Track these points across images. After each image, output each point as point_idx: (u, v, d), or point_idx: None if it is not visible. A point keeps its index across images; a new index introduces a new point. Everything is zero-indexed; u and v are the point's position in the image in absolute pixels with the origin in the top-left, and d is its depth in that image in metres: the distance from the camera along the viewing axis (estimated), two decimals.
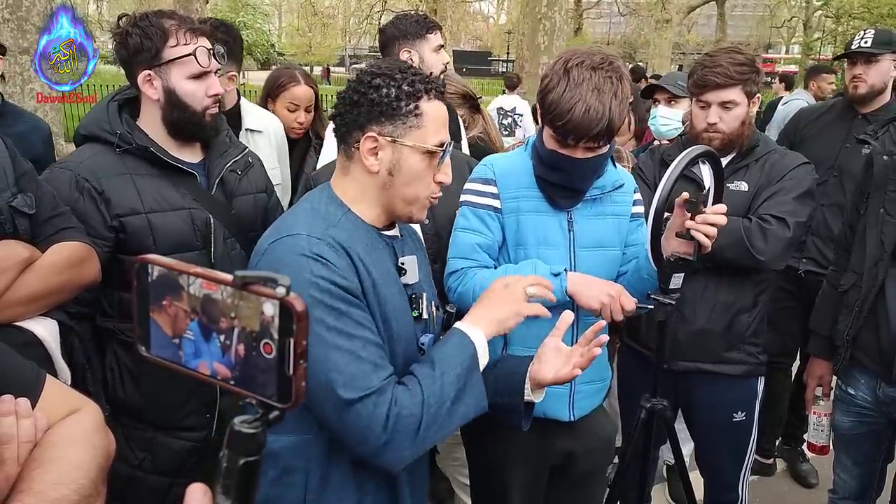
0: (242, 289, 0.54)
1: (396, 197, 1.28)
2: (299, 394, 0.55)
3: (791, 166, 2.05)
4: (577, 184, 1.68)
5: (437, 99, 1.27)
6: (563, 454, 1.85)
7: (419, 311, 1.33)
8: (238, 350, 0.56)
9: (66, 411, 0.99)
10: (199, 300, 0.57)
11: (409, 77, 1.24)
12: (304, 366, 0.55)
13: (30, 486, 0.86)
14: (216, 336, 0.57)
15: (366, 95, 1.23)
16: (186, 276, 0.57)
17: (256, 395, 0.57)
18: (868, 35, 2.90)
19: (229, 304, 0.55)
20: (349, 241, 1.21)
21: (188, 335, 0.58)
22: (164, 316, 0.59)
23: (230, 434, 0.57)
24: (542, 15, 11.53)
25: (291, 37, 39.40)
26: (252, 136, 2.51)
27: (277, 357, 0.54)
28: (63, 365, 1.43)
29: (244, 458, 0.57)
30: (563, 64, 1.56)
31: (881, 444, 2.13)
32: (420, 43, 2.48)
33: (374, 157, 1.25)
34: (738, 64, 1.99)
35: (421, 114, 1.24)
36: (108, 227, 1.61)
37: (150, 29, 1.60)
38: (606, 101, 1.51)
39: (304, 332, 0.53)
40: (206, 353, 0.58)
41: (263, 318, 0.54)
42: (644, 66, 16.33)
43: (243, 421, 0.57)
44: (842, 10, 25.32)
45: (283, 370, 0.54)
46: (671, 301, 1.61)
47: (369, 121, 1.23)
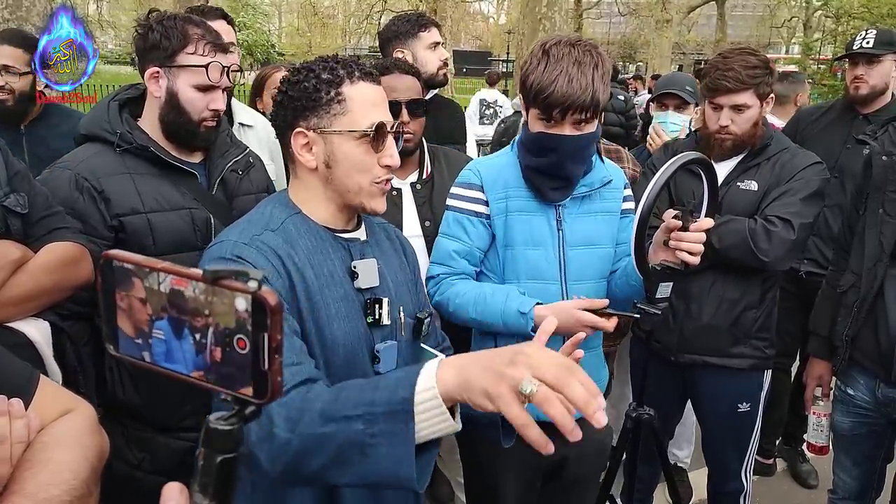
0: (213, 284, 0.53)
1: (341, 189, 1.25)
2: (276, 389, 0.54)
3: (801, 166, 2.06)
4: (567, 168, 1.65)
5: (365, 80, 1.23)
6: (555, 457, 1.83)
7: (375, 316, 1.26)
8: (212, 346, 0.55)
9: (60, 412, 0.99)
10: (167, 296, 0.56)
11: (330, 65, 1.22)
12: (280, 360, 0.54)
13: (22, 486, 0.86)
14: (189, 333, 0.56)
15: (287, 94, 1.22)
16: (155, 273, 0.56)
17: (232, 391, 0.56)
18: (870, 35, 2.89)
19: (202, 300, 0.54)
20: (283, 245, 1.18)
21: (157, 333, 0.57)
22: (131, 313, 0.58)
23: (206, 432, 0.57)
24: (542, 15, 11.51)
25: (291, 37, 39.37)
26: (244, 130, 2.54)
27: (252, 352, 0.54)
28: (55, 366, 1.42)
29: (221, 455, 0.56)
30: (541, 47, 1.57)
31: (881, 444, 2.13)
32: (413, 42, 2.54)
33: (309, 153, 1.23)
34: (751, 67, 2.00)
35: (344, 99, 1.20)
36: (107, 226, 1.61)
37: (172, 31, 1.61)
38: (588, 72, 1.52)
39: (278, 326, 0.53)
40: (178, 351, 0.57)
41: (237, 313, 0.53)
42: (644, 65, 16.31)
43: (219, 418, 0.57)
44: (842, 10, 25.30)
45: (258, 365, 0.54)
46: (657, 311, 1.59)
47: (295, 117, 1.22)
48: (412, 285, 1.43)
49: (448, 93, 10.78)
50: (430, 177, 2.12)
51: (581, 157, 1.66)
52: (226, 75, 1.69)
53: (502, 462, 1.79)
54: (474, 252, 1.74)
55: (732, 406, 2.20)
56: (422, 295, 1.49)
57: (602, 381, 1.90)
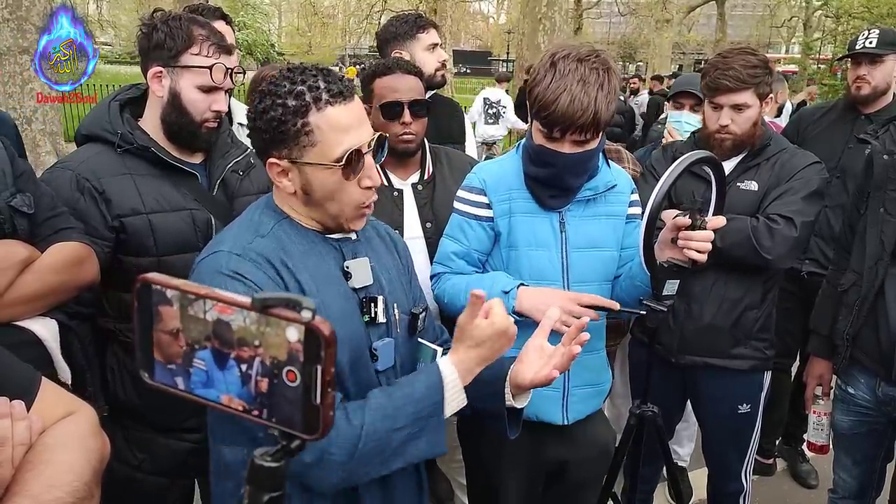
0: (263, 312, 0.50)
1: (321, 211, 1.23)
2: (327, 423, 0.51)
3: (801, 166, 2.07)
4: (566, 181, 1.66)
5: (333, 104, 1.15)
6: (557, 461, 1.83)
7: (371, 315, 1.26)
8: (258, 378, 0.51)
9: (62, 414, 0.99)
10: (211, 325, 0.51)
11: (297, 88, 1.14)
12: (333, 394, 0.50)
13: (24, 488, 0.86)
14: (234, 364, 0.52)
15: (255, 122, 1.18)
16: (201, 301, 0.51)
17: (280, 426, 0.52)
18: (872, 35, 2.88)
19: (251, 330, 0.50)
20: (276, 251, 1.18)
21: (199, 364, 0.53)
22: (169, 340, 0.53)
23: (252, 469, 0.52)
24: (542, 15, 11.53)
25: (291, 36, 39.40)
26: (243, 130, 2.53)
27: (302, 385, 0.50)
28: (63, 364, 1.43)
29: (268, 494, 0.52)
30: (550, 57, 1.55)
31: (881, 443, 2.13)
32: (411, 43, 2.54)
33: (286, 179, 1.20)
34: (751, 67, 2.01)
35: (311, 130, 1.14)
36: (108, 227, 1.61)
37: (177, 31, 1.61)
38: (592, 92, 1.50)
39: (332, 358, 0.49)
40: (221, 382, 0.52)
41: (289, 344, 0.49)
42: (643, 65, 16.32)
43: (264, 454, 0.53)
44: (842, 10, 25.30)
45: (308, 399, 0.50)
46: (663, 308, 1.60)
47: (267, 146, 1.18)
48: (405, 281, 1.43)
49: (448, 92, 10.76)
50: (432, 177, 2.11)
51: (581, 171, 1.67)
52: (229, 77, 1.69)
53: (505, 462, 1.79)
54: (472, 254, 1.77)
55: (733, 407, 2.20)
56: (416, 290, 1.48)
57: (606, 382, 1.89)
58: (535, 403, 1.37)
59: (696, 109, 2.80)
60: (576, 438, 1.80)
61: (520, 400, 1.29)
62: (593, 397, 1.83)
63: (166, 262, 1.64)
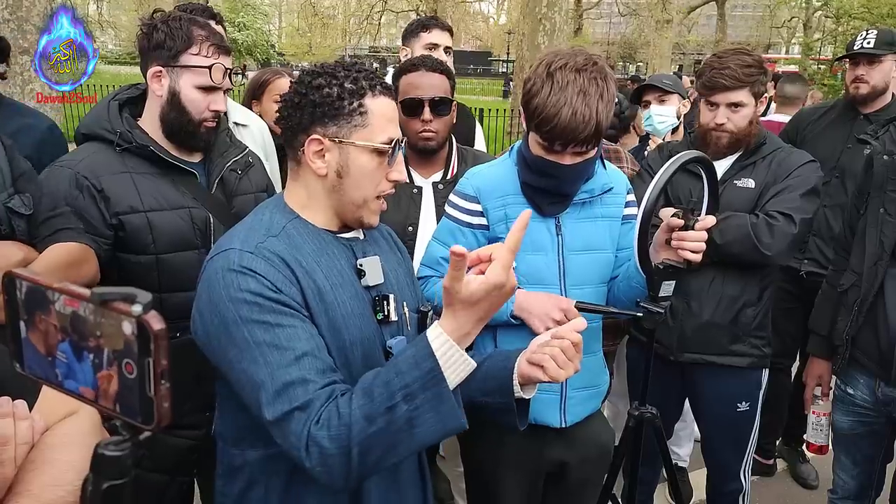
0: (101, 306, 0.51)
1: (345, 199, 1.23)
2: (162, 415, 0.52)
3: (797, 164, 2.09)
4: (565, 189, 1.65)
5: (384, 95, 1.21)
6: (556, 462, 1.82)
7: (384, 313, 1.26)
8: (107, 370, 0.53)
9: (64, 413, 1.00)
10: (67, 317, 0.53)
11: (353, 74, 1.19)
12: (167, 386, 0.51)
13: (26, 487, 0.86)
14: (87, 355, 0.54)
15: (307, 96, 1.18)
16: (52, 292, 0.53)
17: (121, 416, 0.54)
18: (871, 35, 2.89)
19: (93, 321, 0.52)
20: (289, 250, 1.17)
21: (60, 356, 0.55)
22: (37, 332, 0.56)
23: (94, 457, 0.54)
24: (542, 15, 11.52)
25: (291, 37, 39.44)
26: (239, 129, 2.54)
27: (139, 377, 0.51)
28: None
29: (108, 481, 0.53)
30: (546, 67, 1.50)
31: (881, 443, 2.13)
32: (413, 41, 2.68)
33: (321, 160, 1.20)
34: (746, 66, 2.03)
35: (366, 112, 1.18)
36: (107, 225, 1.61)
37: (177, 31, 1.62)
38: (593, 104, 1.46)
39: (163, 351, 0.50)
40: (80, 373, 0.55)
41: (125, 336, 0.51)
42: (644, 65, 16.32)
43: (109, 443, 0.54)
44: (842, 11, 25.32)
45: (144, 391, 0.52)
46: (660, 309, 1.59)
47: (312, 123, 1.18)
48: (410, 280, 1.44)
49: None
50: (455, 178, 2.08)
51: (580, 179, 1.65)
52: (228, 77, 1.70)
53: (504, 465, 1.79)
54: None
55: (732, 405, 2.21)
56: (419, 289, 1.50)
57: (603, 384, 1.88)
58: (533, 406, 1.36)
59: (662, 100, 2.90)
60: (575, 439, 1.79)
61: (527, 391, 1.29)
62: (591, 399, 1.82)
63: (164, 259, 1.64)
